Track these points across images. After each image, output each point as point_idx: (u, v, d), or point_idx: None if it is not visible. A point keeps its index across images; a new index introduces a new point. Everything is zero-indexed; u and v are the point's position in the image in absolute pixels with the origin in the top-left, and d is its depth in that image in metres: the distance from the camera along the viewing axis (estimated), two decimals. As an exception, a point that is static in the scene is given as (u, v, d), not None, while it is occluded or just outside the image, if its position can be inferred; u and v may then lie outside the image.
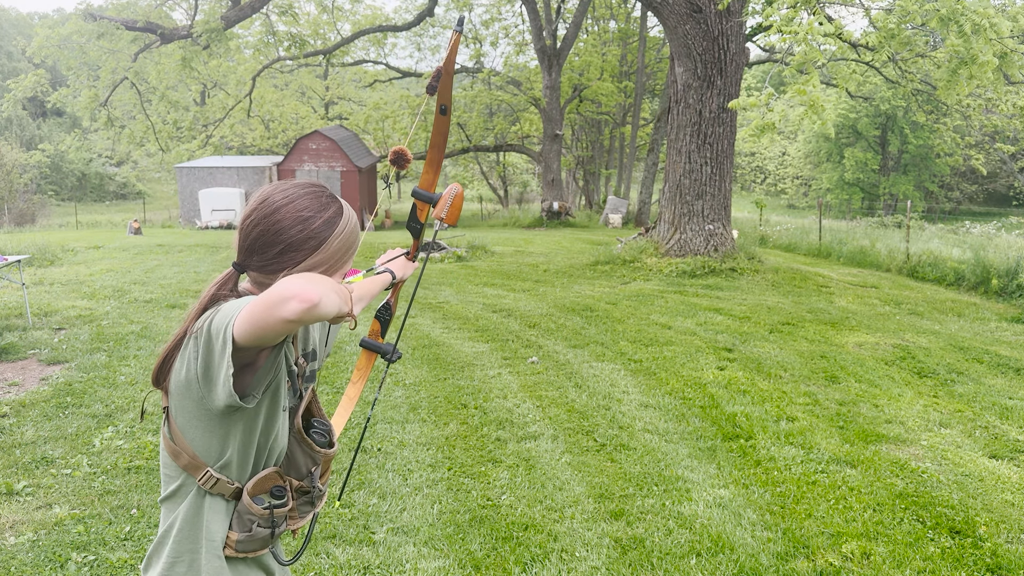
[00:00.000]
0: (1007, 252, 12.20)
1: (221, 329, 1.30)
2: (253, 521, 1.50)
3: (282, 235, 1.43)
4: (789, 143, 54.44)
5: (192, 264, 12.63)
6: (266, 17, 22.26)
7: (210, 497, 1.48)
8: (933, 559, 3.37)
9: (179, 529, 1.48)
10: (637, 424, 5.05)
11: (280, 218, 1.44)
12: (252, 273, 1.48)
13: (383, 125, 30.61)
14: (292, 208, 1.45)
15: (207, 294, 1.45)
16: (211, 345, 1.33)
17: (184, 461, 1.46)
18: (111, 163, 49.31)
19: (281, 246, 1.43)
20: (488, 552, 3.40)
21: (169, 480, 1.51)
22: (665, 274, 11.59)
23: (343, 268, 1.52)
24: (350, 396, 1.93)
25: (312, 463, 1.60)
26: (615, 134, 33.77)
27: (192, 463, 1.46)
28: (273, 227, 1.43)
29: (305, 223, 1.44)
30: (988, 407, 5.55)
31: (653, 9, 12.45)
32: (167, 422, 1.50)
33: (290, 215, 1.44)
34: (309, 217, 1.45)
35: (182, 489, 1.49)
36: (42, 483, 4.00)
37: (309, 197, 1.47)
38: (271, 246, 1.43)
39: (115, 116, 20.42)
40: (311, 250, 1.44)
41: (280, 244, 1.43)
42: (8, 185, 30.42)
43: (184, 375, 1.40)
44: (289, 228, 1.43)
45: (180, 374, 1.42)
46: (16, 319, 7.77)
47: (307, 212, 1.45)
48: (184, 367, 1.40)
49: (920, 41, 15.64)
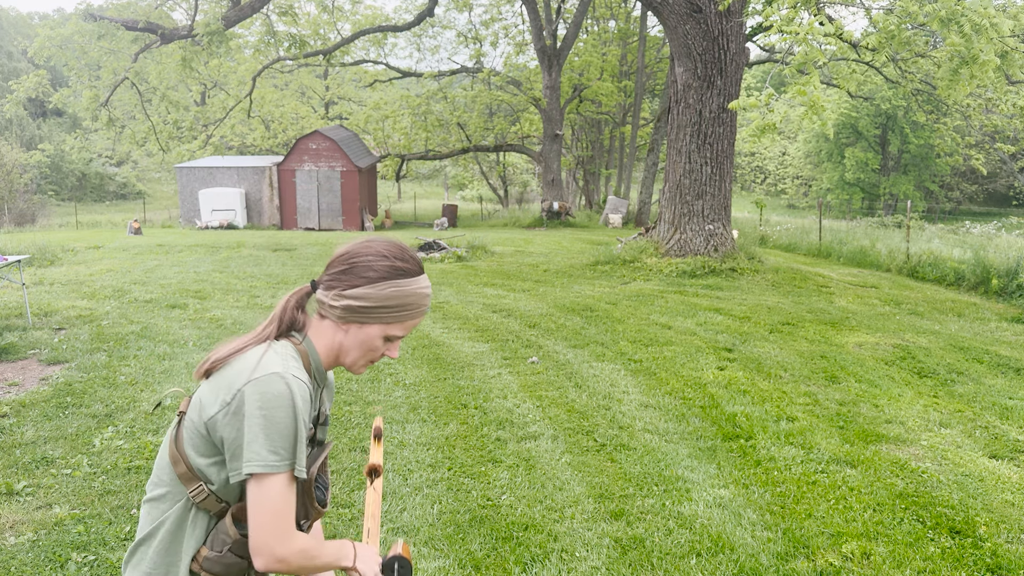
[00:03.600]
0: (1007, 252, 12.20)
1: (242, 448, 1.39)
2: (227, 544, 1.48)
3: (355, 259, 1.52)
4: (789, 143, 54.44)
5: (192, 264, 12.63)
6: (266, 17, 22.26)
7: (196, 510, 1.48)
8: (933, 559, 3.37)
9: (160, 540, 1.48)
10: (637, 424, 5.05)
11: (365, 249, 1.54)
12: (320, 291, 1.54)
13: (383, 125, 30.60)
14: (379, 246, 1.55)
15: (283, 308, 1.54)
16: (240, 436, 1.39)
17: (181, 470, 1.47)
18: (111, 163, 49.34)
19: (348, 266, 1.52)
20: (488, 552, 3.40)
21: (159, 483, 1.51)
22: (665, 274, 11.59)
23: (389, 328, 1.54)
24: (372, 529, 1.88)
25: (304, 515, 1.59)
26: (615, 134, 33.77)
27: (187, 475, 1.47)
28: (355, 251, 1.54)
29: (378, 259, 1.53)
30: (988, 407, 5.55)
31: (653, 9, 12.45)
32: (178, 426, 1.50)
33: (374, 249, 1.54)
34: (384, 256, 1.53)
35: (169, 496, 1.49)
36: (42, 483, 4.00)
37: (399, 249, 1.57)
38: (341, 264, 1.53)
39: (116, 116, 20.40)
40: (367, 282, 1.50)
41: (347, 264, 1.52)
42: (8, 185, 30.42)
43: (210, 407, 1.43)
44: (365, 256, 1.53)
45: (210, 397, 1.44)
46: (16, 319, 7.78)
47: (386, 252, 1.54)
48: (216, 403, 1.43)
49: (920, 41, 15.64)
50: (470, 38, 31.02)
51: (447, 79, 31.10)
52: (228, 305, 8.90)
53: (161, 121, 23.99)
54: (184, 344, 6.95)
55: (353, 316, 1.51)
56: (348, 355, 1.55)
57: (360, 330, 1.52)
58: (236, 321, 7.97)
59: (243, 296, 9.52)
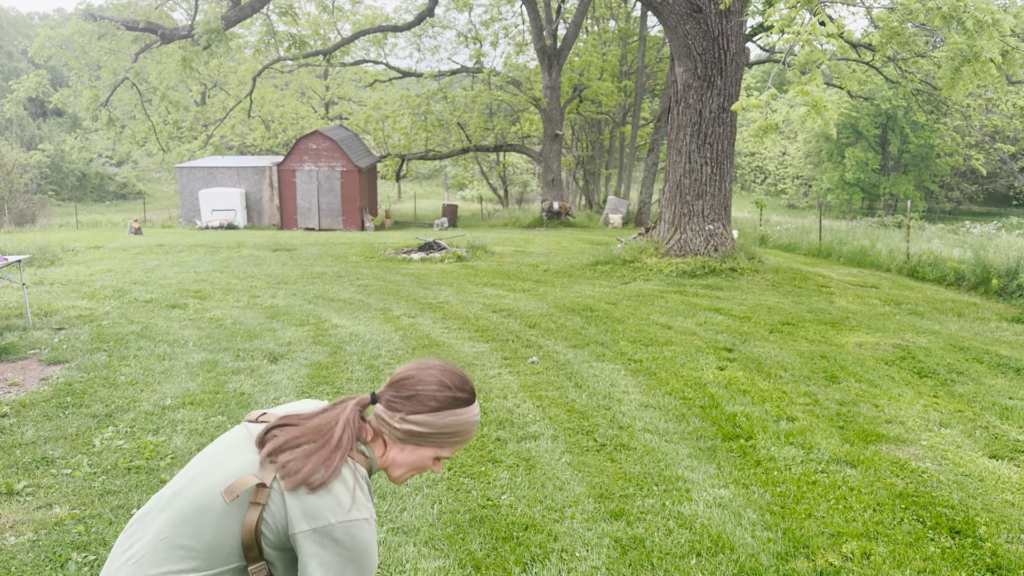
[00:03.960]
0: (1007, 252, 12.20)
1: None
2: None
3: (419, 386, 1.67)
4: (789, 143, 54.45)
5: (192, 264, 12.63)
6: (266, 17, 22.26)
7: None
8: (933, 559, 3.37)
9: None
10: (637, 424, 5.05)
11: (428, 376, 1.69)
12: (380, 405, 1.69)
13: (383, 125, 30.60)
14: (441, 373, 1.70)
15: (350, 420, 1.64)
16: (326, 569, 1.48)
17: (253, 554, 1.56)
18: (111, 163, 49.34)
19: (412, 392, 1.66)
20: (488, 552, 3.40)
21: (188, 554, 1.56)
22: (665, 274, 11.59)
23: (441, 450, 1.70)
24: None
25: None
26: (615, 134, 33.78)
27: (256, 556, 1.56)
28: (418, 376, 1.69)
29: (440, 388, 1.68)
30: (988, 407, 5.55)
31: (653, 9, 12.45)
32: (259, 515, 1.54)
33: (436, 378, 1.69)
34: (447, 386, 1.68)
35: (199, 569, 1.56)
36: (42, 483, 4.00)
37: (458, 378, 1.72)
38: (406, 388, 1.67)
39: (116, 116, 20.41)
40: (429, 410, 1.65)
41: (412, 391, 1.67)
42: (8, 185, 30.43)
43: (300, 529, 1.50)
44: (428, 384, 1.67)
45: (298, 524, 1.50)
46: (16, 319, 7.78)
47: (447, 382, 1.69)
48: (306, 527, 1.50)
49: (920, 41, 15.64)
50: (470, 38, 31.03)
51: (447, 79, 31.10)
52: (228, 305, 8.91)
53: (161, 121, 23.99)
54: (184, 344, 6.95)
55: (412, 439, 1.66)
56: (398, 469, 1.71)
57: (415, 451, 1.68)
58: (236, 321, 7.97)
59: (243, 296, 9.53)
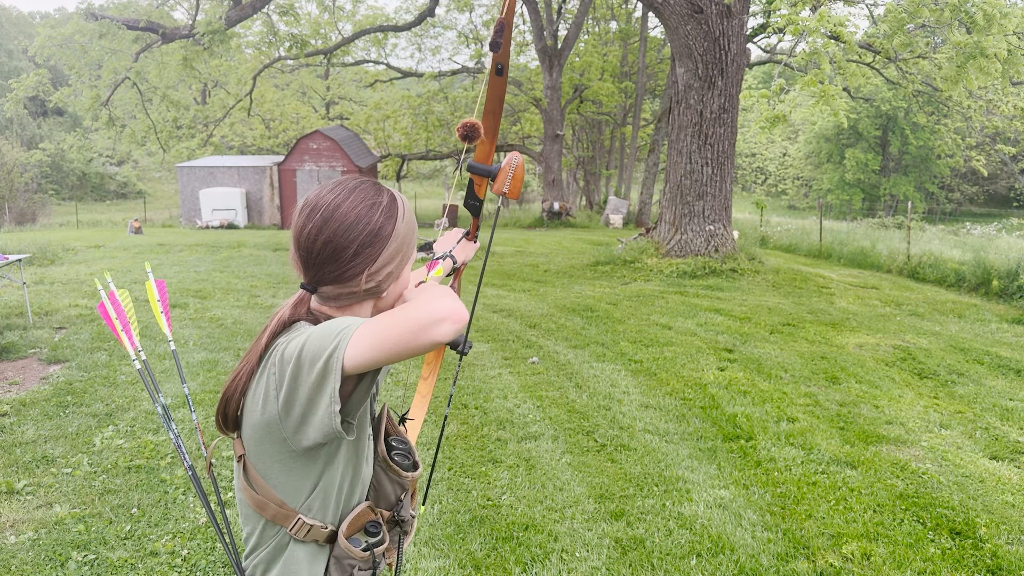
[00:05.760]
0: (1008, 253, 12.18)
1: (320, 359, 1.19)
2: (354, 566, 1.39)
3: (351, 233, 1.32)
4: (790, 143, 54.46)
5: (193, 263, 12.63)
6: (267, 17, 22.28)
7: (301, 545, 1.36)
8: (933, 560, 3.37)
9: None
10: (637, 424, 5.05)
11: (342, 218, 1.33)
12: (326, 288, 1.35)
13: (384, 125, 30.63)
14: (350, 204, 1.34)
15: (280, 318, 1.34)
16: (301, 378, 1.21)
17: (272, 512, 1.35)
18: (112, 162, 49.33)
19: (355, 246, 1.32)
20: (488, 552, 3.40)
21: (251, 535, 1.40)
22: (666, 275, 11.59)
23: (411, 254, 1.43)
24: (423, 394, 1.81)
25: (400, 490, 1.49)
26: (616, 134, 33.80)
27: (281, 512, 1.34)
28: (339, 229, 1.32)
29: (370, 214, 1.34)
30: (988, 408, 5.55)
31: (654, 9, 12.45)
32: (243, 471, 1.37)
33: (352, 212, 1.33)
34: (371, 206, 1.35)
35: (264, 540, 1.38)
36: (42, 482, 4.00)
37: (359, 191, 1.37)
38: (343, 249, 1.32)
39: (116, 116, 20.42)
40: (385, 239, 1.34)
41: (353, 244, 1.32)
42: (9, 184, 30.42)
43: (261, 415, 1.28)
44: (355, 224, 1.32)
45: (256, 414, 1.29)
46: (16, 318, 7.78)
47: (366, 204, 1.35)
48: (262, 406, 1.28)
49: (921, 42, 15.64)
50: (471, 38, 31.06)
51: (448, 79, 31.13)
52: (229, 305, 8.90)
53: (161, 120, 24.01)
54: (185, 343, 6.95)
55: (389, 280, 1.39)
56: None
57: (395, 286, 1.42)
58: (236, 321, 7.97)
59: (244, 296, 9.52)
